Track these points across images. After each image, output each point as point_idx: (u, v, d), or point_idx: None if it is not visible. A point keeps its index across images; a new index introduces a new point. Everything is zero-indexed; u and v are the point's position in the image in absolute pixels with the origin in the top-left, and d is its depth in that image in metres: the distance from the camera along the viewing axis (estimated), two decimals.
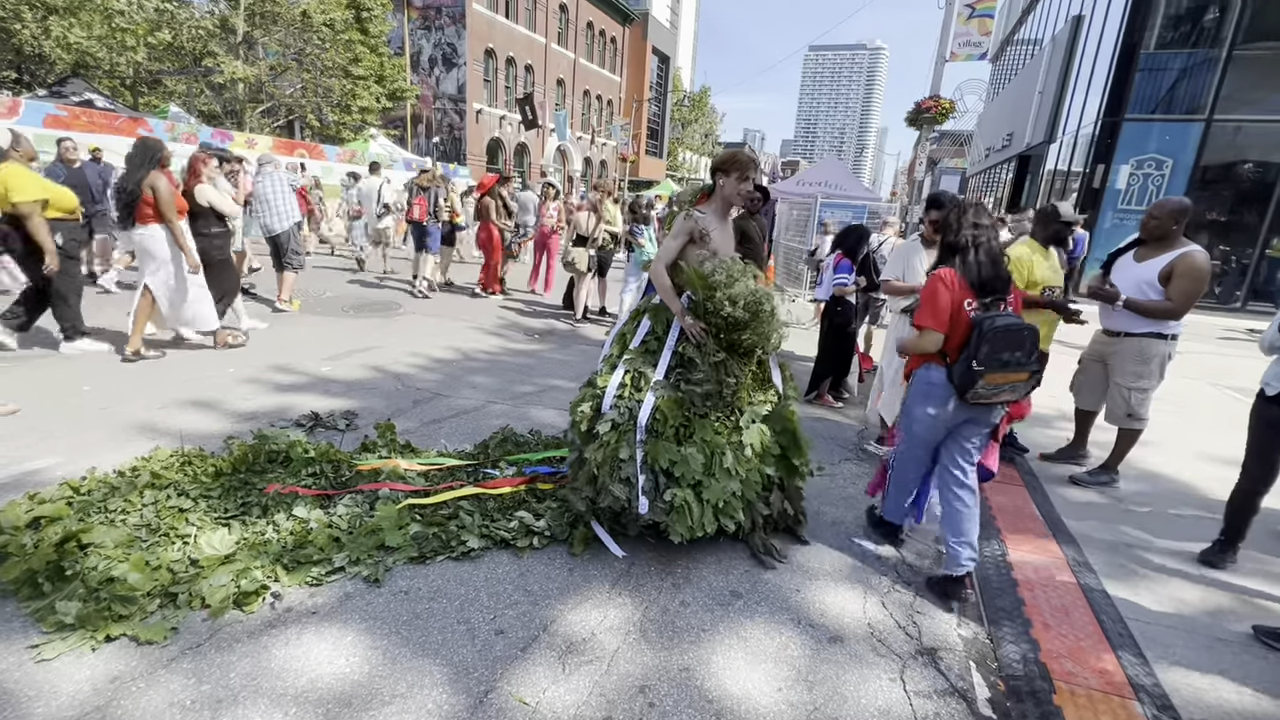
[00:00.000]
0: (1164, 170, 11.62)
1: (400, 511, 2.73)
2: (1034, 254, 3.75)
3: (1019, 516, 3.25)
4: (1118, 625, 2.41)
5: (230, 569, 2.30)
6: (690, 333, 2.69)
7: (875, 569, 2.77)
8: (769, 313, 2.63)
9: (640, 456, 2.56)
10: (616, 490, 2.59)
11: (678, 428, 2.61)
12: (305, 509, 2.71)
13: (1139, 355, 3.54)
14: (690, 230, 2.80)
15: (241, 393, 4.36)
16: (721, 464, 2.55)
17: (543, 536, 2.73)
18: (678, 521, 2.48)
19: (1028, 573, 2.72)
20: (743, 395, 2.71)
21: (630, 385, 2.71)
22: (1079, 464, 3.97)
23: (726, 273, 2.63)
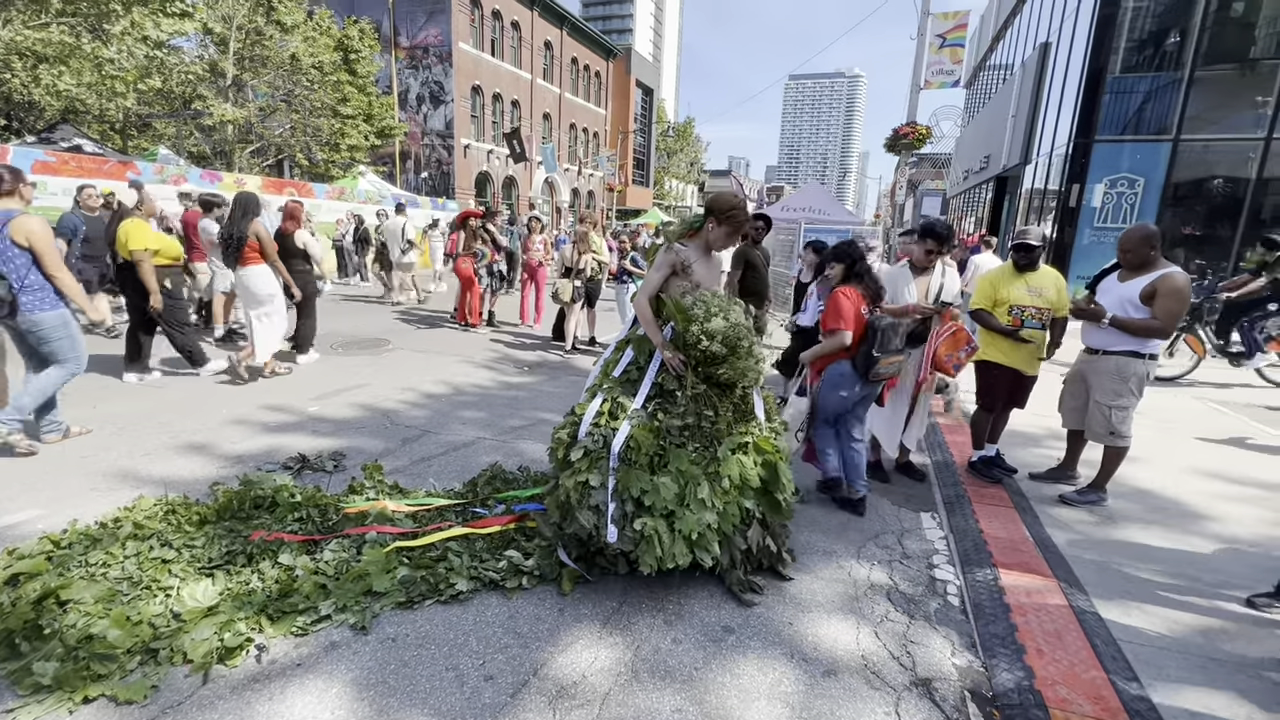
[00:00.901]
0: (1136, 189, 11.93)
1: (388, 555, 2.70)
2: (1006, 275, 3.88)
3: (1009, 539, 3.25)
4: (1111, 648, 2.40)
5: (213, 621, 2.26)
6: (670, 364, 2.73)
7: (869, 598, 2.76)
8: (746, 349, 2.66)
9: (611, 484, 2.57)
10: (584, 517, 2.58)
11: (652, 457, 2.61)
12: (291, 556, 2.68)
13: (1117, 373, 3.59)
14: (672, 263, 2.86)
15: (229, 435, 4.33)
16: (696, 494, 2.54)
17: (532, 576, 2.70)
18: (647, 551, 2.47)
19: (1020, 597, 2.71)
20: (722, 428, 2.72)
21: (607, 414, 2.73)
22: (1069, 484, 4.00)
23: (706, 307, 2.68)
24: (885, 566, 3.05)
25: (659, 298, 2.85)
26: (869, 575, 2.96)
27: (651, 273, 2.92)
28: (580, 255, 7.56)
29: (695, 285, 2.84)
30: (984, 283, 3.97)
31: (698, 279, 2.87)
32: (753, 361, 2.71)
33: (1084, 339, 3.83)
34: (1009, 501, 3.74)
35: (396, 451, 4.22)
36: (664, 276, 2.86)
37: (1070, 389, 3.93)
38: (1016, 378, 3.94)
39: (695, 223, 2.99)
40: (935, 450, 4.77)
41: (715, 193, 3.04)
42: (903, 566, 3.06)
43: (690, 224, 3.01)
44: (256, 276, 5.68)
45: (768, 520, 2.80)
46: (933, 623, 2.61)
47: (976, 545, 3.20)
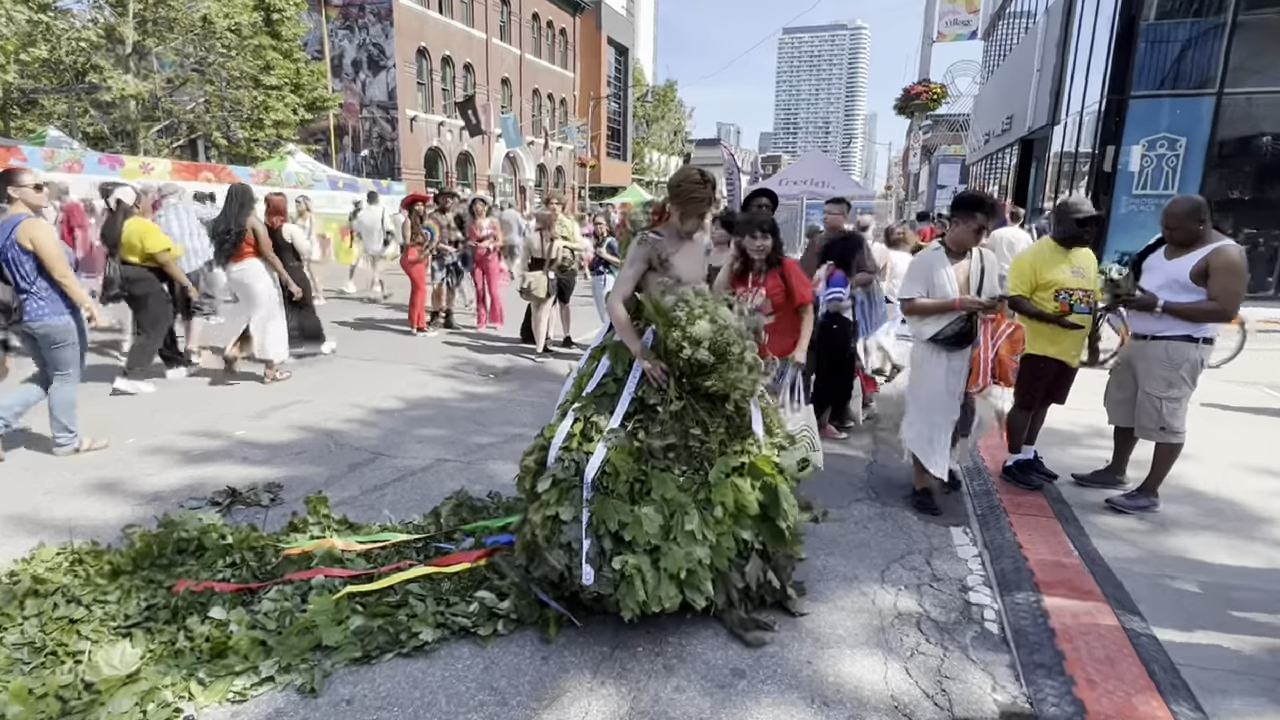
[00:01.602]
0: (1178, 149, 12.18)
1: (339, 603, 2.67)
2: (1043, 257, 3.88)
3: (1053, 554, 3.30)
4: (1170, 675, 2.45)
5: (134, 690, 2.21)
6: (650, 375, 2.71)
7: (896, 629, 2.78)
8: (738, 355, 2.63)
9: (585, 517, 2.55)
10: (554, 558, 2.57)
11: (633, 484, 2.60)
12: (223, 608, 2.63)
13: (1168, 360, 3.66)
14: (647, 256, 2.83)
15: (144, 467, 4.25)
16: (684, 526, 2.54)
17: (509, 620, 2.68)
18: (628, 594, 2.46)
19: (1066, 620, 2.75)
20: (714, 447, 2.71)
21: (580, 435, 2.71)
22: (1117, 488, 4.06)
23: (689, 308, 2.64)
24: (914, 591, 3.08)
25: (635, 298, 2.82)
26: (895, 602, 2.98)
27: (624, 269, 2.90)
28: (550, 242, 7.51)
29: (676, 280, 2.83)
30: (1022, 264, 3.94)
31: (679, 272, 2.85)
32: (745, 370, 2.67)
33: (1131, 324, 3.90)
34: (1050, 511, 3.80)
35: (343, 479, 4.17)
36: (639, 272, 2.85)
37: (1117, 380, 4.00)
38: (1060, 370, 3.99)
39: (658, 203, 2.99)
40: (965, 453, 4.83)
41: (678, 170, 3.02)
42: (933, 590, 3.09)
43: (655, 205, 3.01)
44: (254, 272, 6.20)
45: (769, 552, 2.80)
46: (969, 654, 2.64)
47: (1015, 563, 3.25)
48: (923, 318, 3.78)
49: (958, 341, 3.70)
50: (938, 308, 3.69)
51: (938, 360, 3.78)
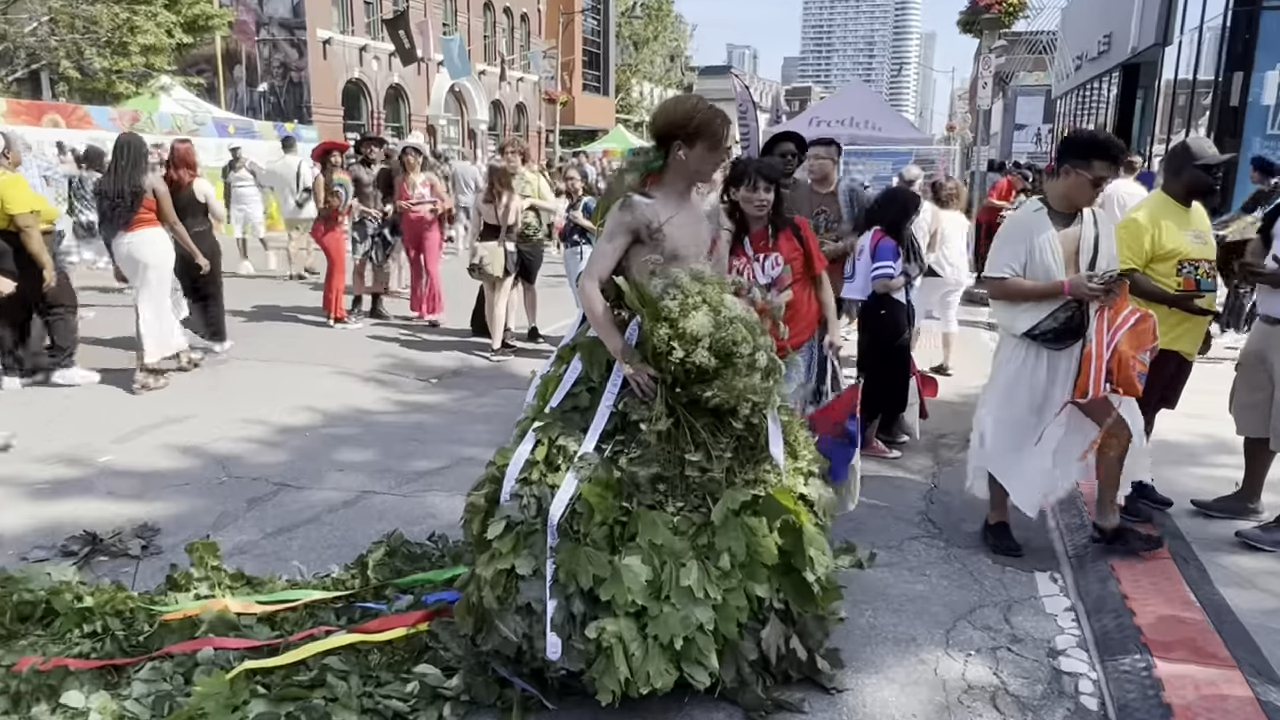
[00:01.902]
0: None
1: (234, 683, 2.64)
2: (1162, 217, 3.86)
3: (1168, 606, 3.33)
4: None
5: None
6: (634, 383, 2.68)
7: (965, 706, 2.80)
8: (748, 358, 2.60)
9: (550, 572, 2.54)
10: (508, 625, 2.56)
11: (611, 527, 2.59)
12: (81, 692, 2.59)
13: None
14: (632, 226, 2.79)
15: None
16: (679, 581, 2.52)
17: (458, 703, 2.67)
18: (606, 672, 2.43)
19: (1186, 693, 2.77)
20: (717, 476, 2.70)
21: (543, 463, 2.70)
22: (1249, 518, 4.11)
23: (682, 295, 2.60)
24: (987, 657, 3.09)
25: (615, 281, 2.76)
26: (964, 672, 2.99)
27: (601, 242, 2.87)
28: (505, 203, 7.44)
29: (672, 257, 2.81)
30: (1135, 228, 3.87)
31: (674, 246, 2.81)
32: (758, 377, 2.65)
33: (1261, 306, 3.94)
34: (1164, 550, 3.83)
35: (240, 520, 4.16)
36: (621, 246, 2.82)
37: (1246, 378, 4.04)
38: (1178, 367, 4.01)
39: (653, 162, 2.92)
40: None
41: (663, 104, 2.98)
42: (1013, 656, 3.11)
43: (647, 164, 2.94)
44: (153, 244, 6.38)
45: (793, 613, 2.80)
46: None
47: (1119, 619, 3.27)
48: (1015, 304, 3.63)
49: (1063, 337, 3.53)
50: (1038, 292, 3.50)
51: (1033, 361, 3.64)
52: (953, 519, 4.35)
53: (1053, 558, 3.95)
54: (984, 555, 3.93)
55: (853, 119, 15.91)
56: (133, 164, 6.22)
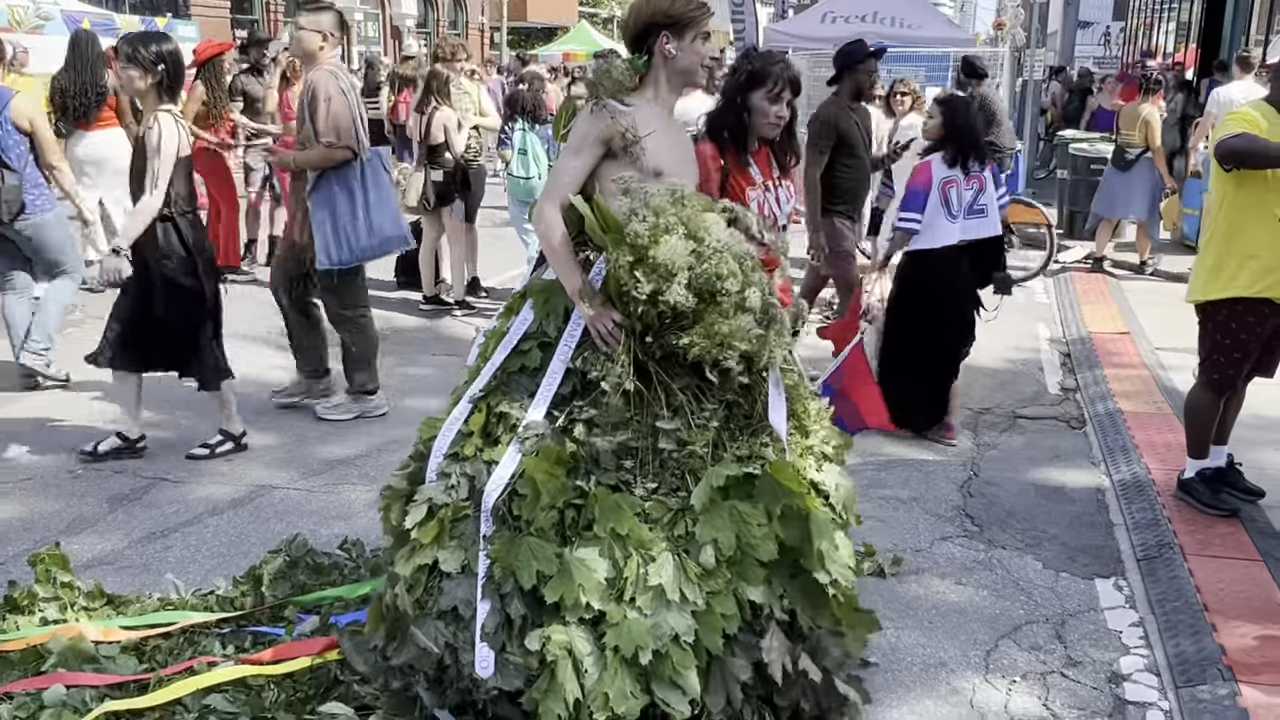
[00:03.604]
0: None
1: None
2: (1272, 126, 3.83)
3: (1257, 620, 3.38)
4: None
5: None
6: (595, 329, 2.66)
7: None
8: (734, 298, 2.57)
9: (483, 567, 2.54)
10: (427, 633, 2.55)
11: (563, 511, 2.58)
12: None
13: None
14: (605, 134, 2.77)
15: None
16: (647, 580, 2.50)
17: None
18: (550, 693, 2.40)
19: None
20: (699, 450, 2.69)
21: (479, 434, 2.70)
22: None
23: (654, 216, 2.56)
24: (1037, 684, 3.13)
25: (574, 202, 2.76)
26: (1006, 703, 3.03)
27: (565, 157, 2.90)
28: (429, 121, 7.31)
29: (655, 175, 2.78)
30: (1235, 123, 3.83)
31: (656, 165, 2.80)
32: (749, 320, 2.64)
33: None
34: (1253, 550, 3.90)
35: (99, 522, 4.12)
36: (589, 163, 2.80)
37: None
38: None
39: (636, 63, 2.90)
40: (1116, 461, 4.92)
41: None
42: (1067, 682, 3.15)
43: (630, 67, 2.91)
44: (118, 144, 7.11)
45: (799, 624, 2.78)
46: None
47: (1197, 635, 3.32)
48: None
49: None
50: None
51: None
52: (996, 514, 4.38)
53: (1118, 561, 3.99)
54: (1033, 558, 3.97)
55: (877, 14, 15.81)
56: (93, 62, 7.10)
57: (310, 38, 4.80)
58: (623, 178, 2.72)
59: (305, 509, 4.26)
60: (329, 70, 4.75)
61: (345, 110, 4.71)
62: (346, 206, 4.78)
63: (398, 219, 5.19)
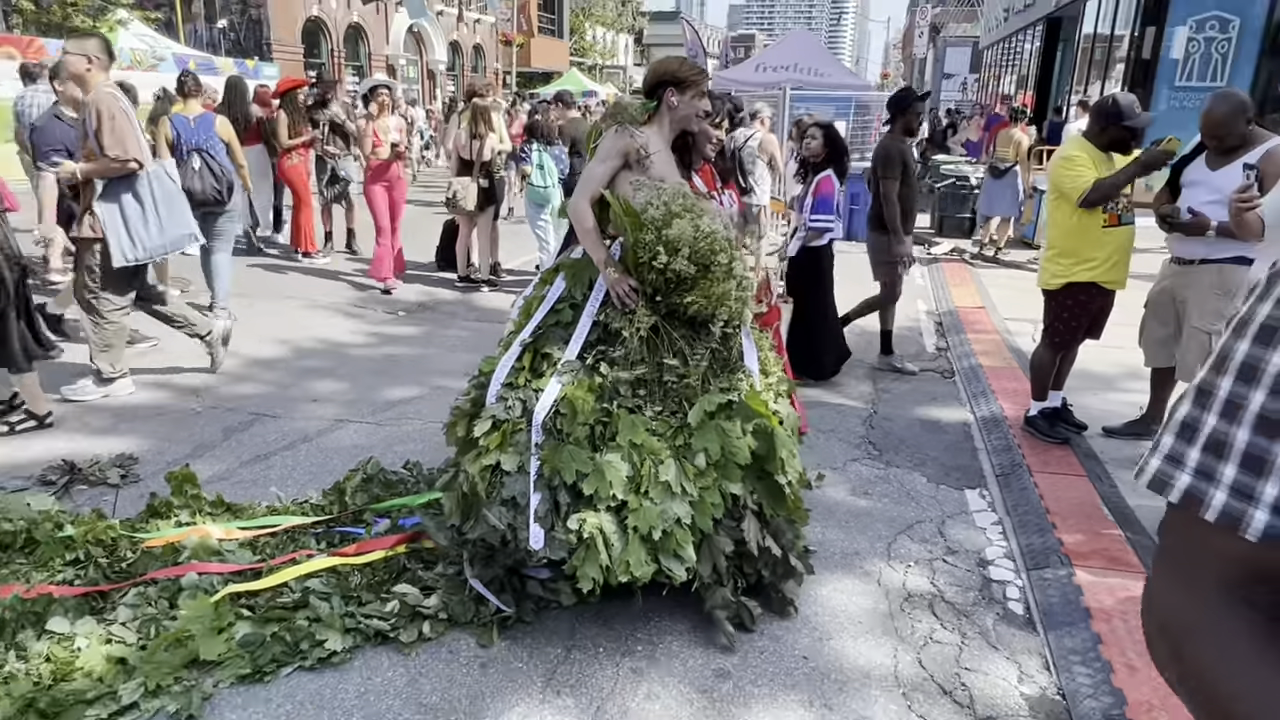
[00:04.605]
0: (1230, 32, 12.36)
1: (218, 606, 2.57)
2: (1098, 155, 3.88)
3: (1084, 520, 3.41)
4: None
5: None
6: (615, 292, 2.71)
7: (907, 613, 2.85)
8: (724, 268, 2.63)
9: (534, 467, 2.54)
10: (494, 516, 2.55)
11: (593, 427, 2.60)
12: (67, 619, 2.50)
13: (1220, 287, 3.75)
14: (625, 150, 2.84)
15: None
16: (657, 477, 2.53)
17: (437, 621, 2.64)
18: (587, 560, 2.44)
19: (1102, 598, 2.86)
20: (693, 383, 2.70)
21: (528, 369, 2.71)
22: (1152, 439, 4.21)
23: (665, 206, 2.64)
24: (925, 567, 3.15)
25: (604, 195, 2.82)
26: (904, 581, 3.05)
27: (593, 165, 2.89)
28: (480, 141, 7.16)
29: (659, 182, 2.83)
30: (1074, 165, 3.89)
31: (659, 174, 2.88)
32: (734, 286, 2.68)
33: (1172, 247, 3.97)
34: (1080, 468, 3.93)
35: (216, 448, 4.02)
36: (611, 170, 2.85)
37: (1155, 314, 4.09)
38: (1106, 300, 4.08)
39: (647, 105, 2.99)
40: (978, 402, 4.94)
41: (655, 62, 3.12)
42: (947, 566, 3.17)
43: (644, 106, 3.00)
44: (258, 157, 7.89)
45: (766, 513, 2.80)
46: (991, 640, 2.72)
47: (1042, 531, 3.35)
48: None
49: None
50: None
51: None
52: (891, 442, 4.39)
53: (982, 476, 4.02)
54: (919, 475, 3.99)
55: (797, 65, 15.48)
56: (243, 98, 7.71)
57: (76, 61, 4.23)
58: (636, 181, 2.78)
59: (374, 438, 4.18)
60: (109, 92, 4.20)
61: (128, 126, 4.20)
62: (136, 210, 4.29)
63: (186, 219, 4.58)
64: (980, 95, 24.57)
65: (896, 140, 5.35)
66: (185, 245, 4.74)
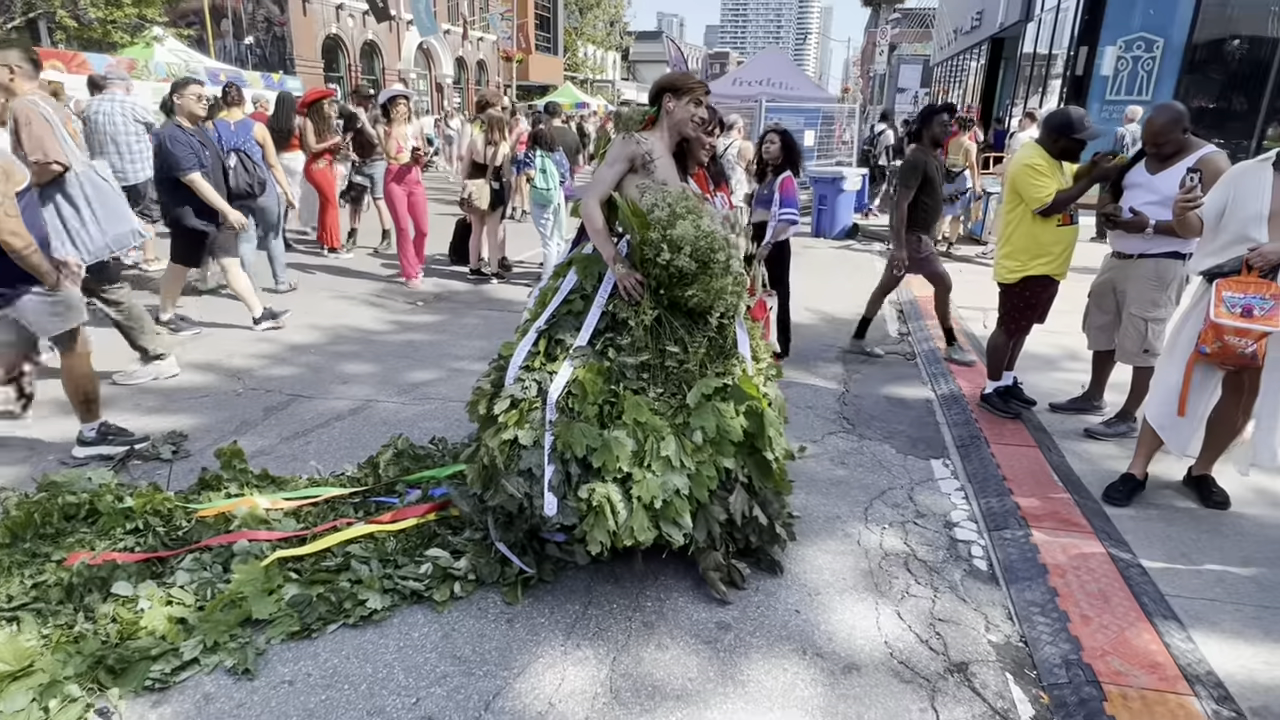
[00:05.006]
0: (1154, 51, 12.37)
1: (268, 570, 2.52)
2: (1051, 163, 3.88)
3: (1038, 486, 3.42)
4: (1160, 606, 2.58)
5: (28, 686, 2.03)
6: (622, 285, 2.66)
7: (884, 570, 2.84)
8: (722, 264, 2.59)
9: (548, 442, 2.52)
10: (512, 485, 2.53)
11: (601, 406, 2.56)
12: (129, 583, 2.45)
13: (1156, 279, 3.75)
14: (631, 155, 2.78)
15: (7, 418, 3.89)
16: (659, 452, 2.50)
17: (466, 581, 2.60)
18: (596, 526, 2.43)
19: (1056, 555, 2.86)
20: (693, 368, 2.66)
21: (543, 354, 2.67)
22: (1094, 413, 4.23)
23: (669, 208, 2.60)
24: (898, 529, 3.14)
25: (613, 197, 2.76)
26: (881, 542, 3.04)
27: (602, 168, 2.83)
28: (495, 147, 7.06)
29: (661, 184, 2.79)
30: (1038, 175, 3.88)
31: (661, 177, 2.82)
32: (730, 281, 2.63)
33: (1113, 243, 3.96)
34: (1031, 440, 3.93)
35: (259, 425, 3.95)
36: (619, 173, 2.79)
37: (1098, 303, 4.08)
38: (1052, 289, 4.09)
39: (649, 110, 2.94)
40: (938, 381, 4.94)
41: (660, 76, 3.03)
42: (918, 528, 3.17)
43: (645, 112, 2.96)
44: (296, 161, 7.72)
45: (755, 486, 2.78)
46: (960, 594, 2.72)
47: (1000, 496, 3.35)
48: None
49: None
50: None
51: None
52: (863, 417, 4.37)
53: (944, 447, 4.01)
54: (889, 446, 3.98)
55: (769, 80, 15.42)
56: (289, 111, 7.70)
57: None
58: (642, 184, 2.71)
59: (402, 416, 4.12)
60: (29, 99, 3.83)
61: (48, 131, 3.79)
62: (73, 213, 3.91)
63: (124, 215, 4.10)
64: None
65: (920, 152, 5.21)
66: (131, 242, 4.24)
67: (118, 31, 19.71)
